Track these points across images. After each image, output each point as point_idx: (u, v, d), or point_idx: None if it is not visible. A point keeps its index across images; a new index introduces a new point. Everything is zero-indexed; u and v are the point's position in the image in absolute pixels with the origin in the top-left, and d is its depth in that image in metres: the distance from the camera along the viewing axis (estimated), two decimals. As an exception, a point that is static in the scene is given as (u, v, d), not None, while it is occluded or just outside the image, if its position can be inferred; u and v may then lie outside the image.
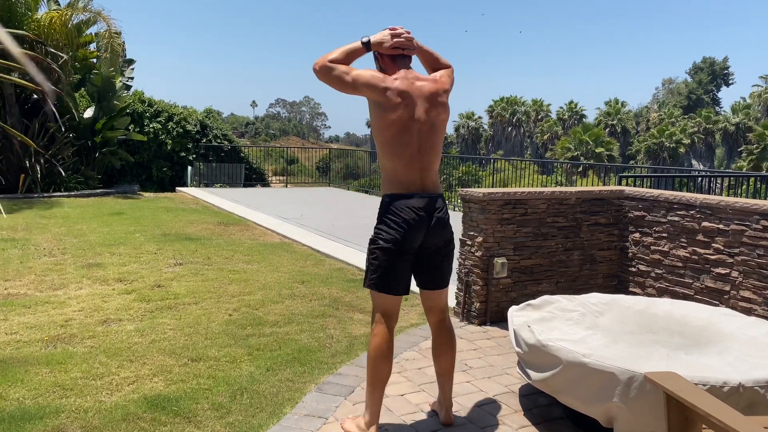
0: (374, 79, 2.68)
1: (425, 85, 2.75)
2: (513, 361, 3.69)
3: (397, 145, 2.68)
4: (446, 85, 2.83)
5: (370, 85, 2.66)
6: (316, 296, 5.14)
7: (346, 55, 2.73)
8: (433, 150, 2.75)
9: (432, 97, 2.73)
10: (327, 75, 2.69)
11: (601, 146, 40.50)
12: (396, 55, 2.77)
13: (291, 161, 23.67)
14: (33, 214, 9.50)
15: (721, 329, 3.06)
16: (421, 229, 2.69)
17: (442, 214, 2.76)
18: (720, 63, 67.53)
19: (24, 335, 4.01)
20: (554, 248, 4.73)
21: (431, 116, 2.72)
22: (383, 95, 2.65)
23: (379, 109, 2.68)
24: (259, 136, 73.93)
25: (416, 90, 2.71)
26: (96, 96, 13.79)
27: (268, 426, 2.88)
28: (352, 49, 2.74)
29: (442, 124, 2.79)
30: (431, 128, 2.73)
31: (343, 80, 2.68)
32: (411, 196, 2.69)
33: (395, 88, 2.66)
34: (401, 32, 2.77)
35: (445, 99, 2.79)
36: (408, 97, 2.67)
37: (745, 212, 3.93)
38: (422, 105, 2.70)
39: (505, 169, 15.55)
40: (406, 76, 2.72)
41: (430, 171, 2.75)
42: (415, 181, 2.71)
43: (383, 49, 2.76)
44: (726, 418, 1.79)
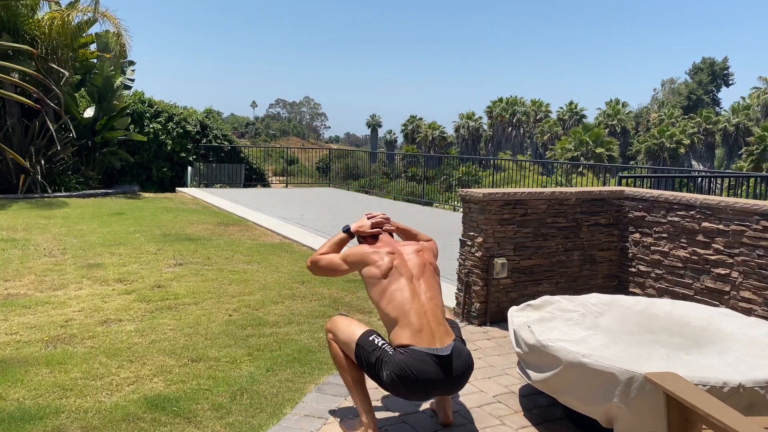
0: (361, 249, 2.91)
1: (407, 245, 2.95)
2: (513, 361, 3.69)
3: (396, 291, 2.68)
4: (427, 240, 3.11)
5: (359, 253, 2.87)
6: (316, 296, 5.14)
7: (333, 246, 3.06)
8: (432, 292, 2.74)
9: (417, 248, 2.90)
10: (318, 267, 3.01)
11: (601, 146, 40.53)
12: (376, 234, 3.06)
13: (291, 161, 23.70)
14: (33, 215, 9.50)
15: (721, 329, 3.06)
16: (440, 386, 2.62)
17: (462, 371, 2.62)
18: (720, 63, 67.55)
19: (24, 335, 4.01)
20: (554, 248, 4.73)
21: (421, 260, 2.84)
22: (373, 255, 2.82)
23: (372, 268, 2.77)
24: (259, 136, 73.96)
25: (401, 246, 2.92)
26: (96, 96, 13.80)
27: (268, 426, 2.88)
28: (337, 240, 3.08)
29: (433, 269, 2.86)
30: (422, 269, 2.80)
31: (333, 262, 2.98)
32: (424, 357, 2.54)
33: (381, 247, 2.88)
34: (377, 215, 3.12)
35: (429, 252, 2.94)
36: (395, 250, 2.85)
37: (745, 213, 3.93)
38: (409, 254, 2.85)
39: (506, 169, 15.57)
40: (389, 242, 2.98)
41: (437, 317, 2.67)
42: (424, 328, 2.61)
43: (364, 231, 3.07)
44: (726, 419, 1.79)
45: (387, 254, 2.81)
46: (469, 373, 2.66)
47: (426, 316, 2.63)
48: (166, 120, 16.63)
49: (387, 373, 2.54)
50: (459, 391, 2.77)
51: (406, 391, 2.57)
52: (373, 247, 2.91)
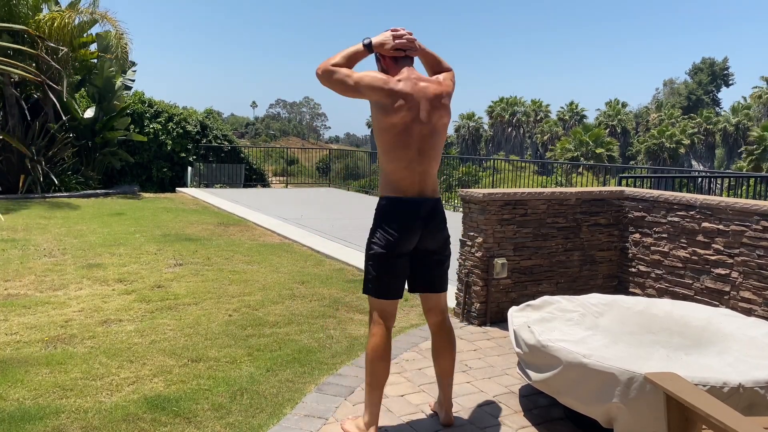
0: (377, 81, 2.64)
1: (429, 87, 2.71)
2: (513, 361, 3.69)
3: (398, 148, 2.68)
4: (449, 88, 2.80)
5: (373, 87, 2.63)
6: (316, 297, 5.14)
7: (348, 58, 2.70)
8: (434, 153, 2.75)
9: (435, 99, 2.70)
10: (329, 79, 2.67)
11: (601, 147, 40.54)
12: (398, 56, 2.75)
13: (291, 162, 23.68)
14: (33, 215, 9.50)
15: (721, 330, 3.06)
16: (416, 233, 2.70)
17: (438, 219, 2.77)
18: (720, 64, 67.56)
19: (24, 336, 4.01)
20: (554, 249, 4.73)
21: (433, 119, 2.70)
22: (386, 97, 2.62)
23: (382, 110, 2.66)
24: (259, 136, 73.92)
25: (419, 91, 2.67)
26: (96, 96, 13.80)
27: (268, 426, 2.88)
28: (353, 52, 2.72)
29: (443, 128, 2.78)
30: (433, 131, 2.71)
31: (345, 83, 2.66)
32: (408, 200, 2.70)
33: (399, 90, 2.63)
34: (403, 33, 2.75)
35: (447, 102, 2.78)
36: (411, 99, 2.64)
37: (745, 213, 3.93)
38: (425, 107, 2.67)
39: (504, 169, 15.55)
40: (409, 76, 2.69)
41: (429, 174, 2.75)
42: (414, 184, 2.71)
43: (385, 50, 2.73)
44: (726, 419, 1.79)
45: (402, 105, 2.62)
46: (446, 235, 2.81)
47: (418, 184, 2.71)
48: (166, 120, 16.63)
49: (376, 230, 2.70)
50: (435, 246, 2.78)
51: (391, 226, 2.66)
52: (392, 81, 2.65)
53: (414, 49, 2.78)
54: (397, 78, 2.68)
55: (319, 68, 2.70)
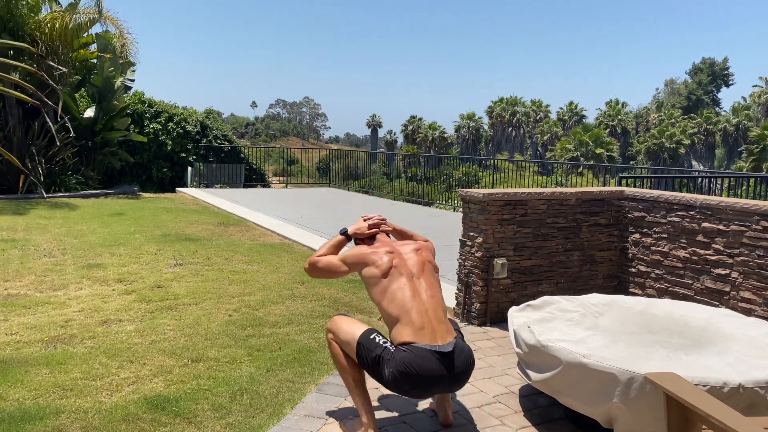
0: (359, 249, 2.92)
1: (406, 243, 2.98)
2: (513, 361, 3.69)
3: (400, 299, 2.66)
4: (425, 240, 3.09)
5: (358, 254, 2.89)
6: (316, 297, 5.14)
7: (331, 248, 3.06)
8: (433, 290, 2.75)
9: (416, 247, 2.91)
10: (316, 269, 3.01)
11: (601, 147, 40.54)
12: (374, 234, 3.06)
13: (291, 162, 23.69)
14: (33, 215, 9.50)
15: (721, 330, 3.06)
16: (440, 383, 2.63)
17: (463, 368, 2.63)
18: (720, 64, 67.56)
19: (24, 336, 4.01)
20: (554, 249, 4.73)
21: (420, 258, 2.84)
22: (372, 256, 2.82)
23: (372, 267, 2.78)
24: (259, 136, 73.93)
25: (400, 246, 2.93)
26: (96, 96, 13.80)
27: (268, 426, 2.88)
28: (335, 243, 3.08)
29: (432, 267, 2.86)
30: (423, 270, 2.80)
31: (332, 264, 2.98)
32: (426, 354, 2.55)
33: (381, 249, 2.86)
34: (373, 216, 3.12)
35: (427, 251, 2.93)
36: (394, 249, 2.86)
37: (745, 213, 3.93)
38: (408, 255, 2.86)
39: (506, 169, 15.56)
40: (388, 241, 3.00)
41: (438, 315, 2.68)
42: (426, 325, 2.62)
43: (362, 233, 3.07)
44: (726, 419, 1.79)
45: (386, 254, 2.81)
46: (471, 371, 2.67)
47: (427, 314, 2.64)
48: (166, 120, 16.64)
49: (389, 371, 2.54)
50: (460, 388, 2.76)
51: (408, 388, 2.57)
52: (372, 247, 2.92)
53: (386, 224, 3.12)
54: (377, 243, 2.97)
55: (306, 263, 3.05)
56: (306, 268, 3.04)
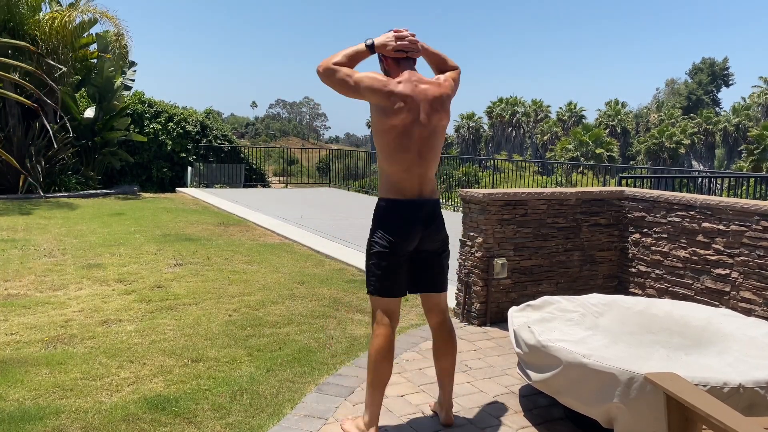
0: (377, 82, 2.64)
1: (429, 89, 2.71)
2: (513, 361, 3.69)
3: (397, 149, 2.68)
4: (449, 89, 2.80)
5: (373, 89, 2.63)
6: (316, 297, 5.14)
7: (350, 57, 2.70)
8: (433, 155, 2.76)
9: (435, 101, 2.70)
10: (330, 77, 2.67)
11: (601, 147, 40.52)
12: (400, 57, 2.74)
13: (291, 162, 23.68)
14: (33, 215, 9.50)
15: (721, 330, 3.06)
16: (416, 234, 2.72)
17: (437, 219, 2.79)
18: (720, 64, 67.56)
19: (24, 336, 4.01)
20: (554, 249, 4.73)
21: (433, 121, 2.71)
22: (386, 99, 2.62)
23: (381, 112, 2.66)
24: (259, 136, 73.89)
25: (419, 93, 2.67)
26: (96, 96, 13.80)
27: (268, 426, 2.88)
28: (355, 52, 2.72)
29: (442, 129, 2.79)
30: (432, 133, 2.72)
31: (346, 83, 2.66)
32: (407, 201, 2.71)
33: (398, 92, 2.63)
34: (405, 35, 2.74)
35: (447, 104, 2.79)
36: (411, 101, 2.64)
37: (745, 213, 3.93)
38: (424, 109, 2.67)
39: (507, 169, 15.55)
40: (409, 78, 2.69)
41: (428, 176, 2.76)
42: (413, 186, 2.72)
43: (387, 51, 2.73)
44: (726, 419, 1.79)
45: (401, 107, 2.62)
46: (444, 235, 2.83)
47: (419, 178, 2.72)
48: (166, 120, 16.63)
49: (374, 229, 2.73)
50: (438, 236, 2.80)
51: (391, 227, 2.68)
52: (391, 83, 2.65)
53: (416, 50, 2.78)
54: (397, 80, 2.68)
55: (320, 66, 2.69)
56: (319, 72, 2.69)
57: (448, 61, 2.90)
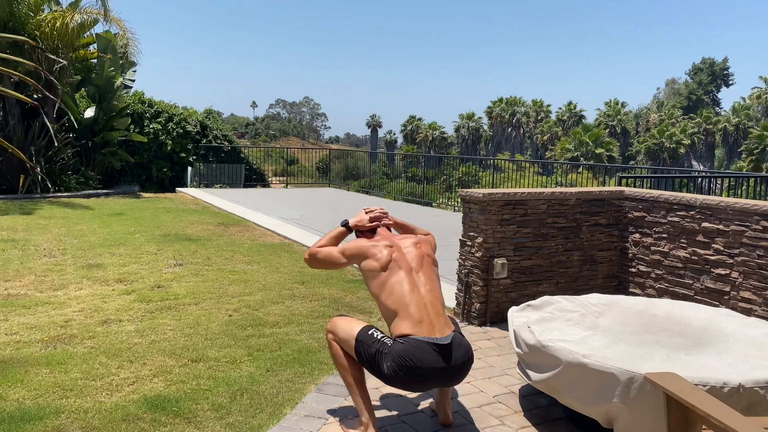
0: (360, 242, 2.92)
1: (408, 237, 2.99)
2: (513, 361, 3.69)
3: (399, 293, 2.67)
4: (426, 234, 3.10)
5: (358, 247, 2.88)
6: (316, 297, 5.14)
7: (332, 239, 3.06)
8: (431, 284, 2.76)
9: (416, 241, 2.92)
10: (316, 259, 3.00)
11: (601, 147, 40.51)
12: (374, 227, 3.07)
13: (291, 162, 23.70)
14: (33, 215, 9.50)
15: (721, 330, 3.06)
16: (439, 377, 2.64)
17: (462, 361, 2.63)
18: (720, 64, 67.59)
19: (24, 336, 4.02)
20: (554, 249, 4.73)
21: (420, 253, 2.85)
22: (372, 249, 2.82)
23: (371, 260, 2.78)
24: (259, 136, 73.93)
25: (400, 239, 2.93)
26: (96, 96, 13.80)
27: (268, 426, 2.88)
28: (336, 234, 3.08)
29: (431, 261, 2.87)
30: (422, 264, 2.81)
31: (332, 255, 2.96)
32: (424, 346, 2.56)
33: (381, 243, 2.86)
34: (375, 209, 3.13)
35: (427, 244, 2.96)
36: (394, 244, 2.86)
37: (745, 213, 3.93)
38: (408, 246, 2.86)
39: (507, 169, 15.55)
40: (388, 235, 3.01)
41: (436, 308, 2.69)
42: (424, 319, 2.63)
43: (362, 226, 3.08)
44: (726, 419, 1.79)
45: (385, 247, 2.82)
46: (470, 364, 2.68)
47: (426, 307, 2.65)
48: (166, 120, 16.63)
49: (388, 365, 2.55)
50: (459, 382, 2.77)
51: (407, 380, 2.57)
52: (372, 240, 2.93)
53: (387, 218, 3.13)
54: (377, 237, 2.99)
55: (306, 254, 3.04)
56: (306, 259, 3.04)
57: (417, 230, 3.19)
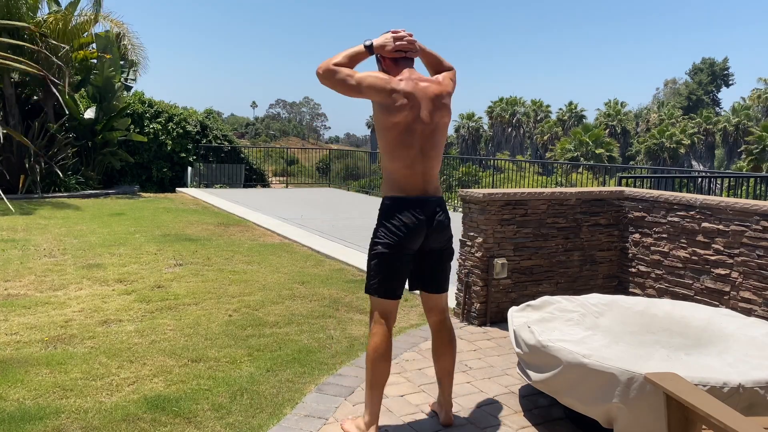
0: (379, 81, 2.67)
1: (429, 87, 2.74)
2: (513, 361, 3.69)
3: (400, 147, 2.69)
4: (449, 87, 2.83)
5: (375, 87, 2.66)
6: (316, 297, 5.14)
7: (350, 58, 2.72)
8: (436, 153, 2.77)
9: (436, 99, 2.73)
10: (330, 78, 2.68)
11: (601, 147, 40.53)
12: (398, 57, 2.77)
13: (291, 162, 23.68)
14: (33, 215, 9.50)
15: (721, 330, 3.06)
16: (421, 232, 2.71)
17: (442, 218, 2.77)
18: (720, 64, 67.58)
19: (24, 336, 4.01)
20: (554, 249, 4.73)
21: (435, 118, 2.73)
22: (388, 97, 2.65)
23: (384, 110, 2.68)
24: (259, 136, 73.91)
25: (420, 91, 2.70)
26: (96, 96, 13.80)
27: (268, 426, 2.88)
28: (355, 53, 2.74)
29: (444, 127, 2.80)
30: (434, 130, 2.74)
31: (347, 83, 2.67)
32: (411, 199, 2.70)
33: (400, 90, 2.66)
34: (403, 35, 2.77)
35: (448, 101, 2.80)
36: (413, 98, 2.67)
37: (745, 213, 3.93)
38: (426, 107, 2.70)
39: (507, 169, 15.55)
40: (410, 76, 2.72)
41: (431, 174, 2.77)
42: (417, 184, 2.72)
43: (386, 52, 2.76)
44: (726, 419, 1.79)
45: (404, 102, 2.64)
46: (449, 234, 2.82)
47: (423, 176, 2.73)
48: (166, 120, 16.63)
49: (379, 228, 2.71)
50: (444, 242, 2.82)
51: (392, 236, 2.66)
52: (393, 81, 2.67)
53: (414, 50, 2.81)
54: (398, 78, 2.70)
55: (320, 67, 2.70)
56: (318, 73, 2.70)
57: (443, 62, 2.93)
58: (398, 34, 2.77)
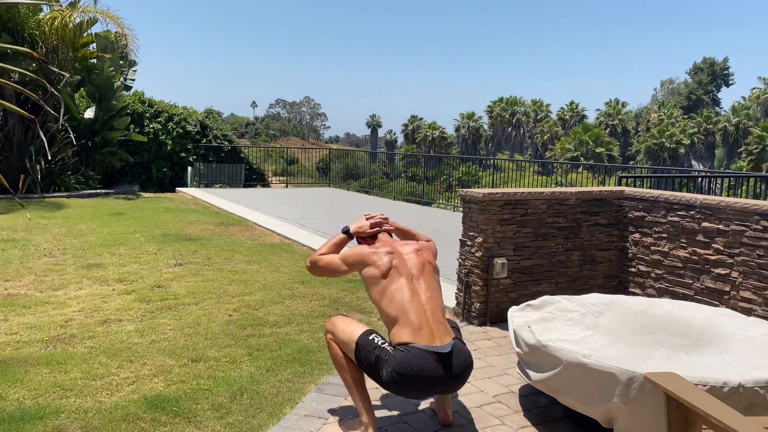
0: (360, 251, 2.90)
1: (408, 243, 2.97)
2: (513, 361, 3.69)
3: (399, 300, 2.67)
4: (427, 240, 3.10)
5: (359, 254, 2.88)
6: (316, 296, 5.14)
7: (332, 246, 3.07)
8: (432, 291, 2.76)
9: (417, 249, 2.90)
10: (317, 267, 3.01)
11: (601, 146, 40.53)
12: (375, 233, 3.08)
13: (291, 162, 23.71)
14: (33, 215, 9.50)
15: (721, 329, 3.06)
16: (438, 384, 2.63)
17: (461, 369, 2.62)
18: (720, 63, 67.59)
19: (24, 335, 4.01)
20: (554, 249, 4.73)
21: (421, 260, 2.84)
22: (371, 256, 2.83)
23: (372, 269, 2.78)
24: (259, 136, 73.95)
25: (400, 246, 2.92)
26: (96, 96, 13.79)
27: (268, 426, 2.88)
28: (337, 241, 3.09)
29: (432, 268, 2.86)
30: (423, 271, 2.80)
31: (333, 263, 2.98)
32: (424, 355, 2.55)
33: (382, 250, 2.86)
34: (375, 215, 3.14)
35: (428, 250, 2.94)
36: (395, 250, 2.85)
37: (745, 213, 3.93)
38: (410, 257, 2.84)
39: (507, 169, 15.55)
40: (389, 241, 3.00)
41: (436, 316, 2.69)
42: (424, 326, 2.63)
43: (363, 232, 3.09)
44: (726, 419, 1.79)
45: (386, 254, 2.81)
46: (469, 372, 2.67)
47: (425, 315, 2.64)
48: (166, 120, 16.63)
49: (387, 371, 2.55)
50: (458, 389, 2.77)
51: (407, 388, 2.57)
52: (372, 247, 2.91)
53: (388, 225, 3.12)
54: (377, 243, 2.99)
55: (308, 261, 3.06)
56: (308, 267, 3.06)
57: (418, 235, 3.17)
58: (370, 216, 3.14)
